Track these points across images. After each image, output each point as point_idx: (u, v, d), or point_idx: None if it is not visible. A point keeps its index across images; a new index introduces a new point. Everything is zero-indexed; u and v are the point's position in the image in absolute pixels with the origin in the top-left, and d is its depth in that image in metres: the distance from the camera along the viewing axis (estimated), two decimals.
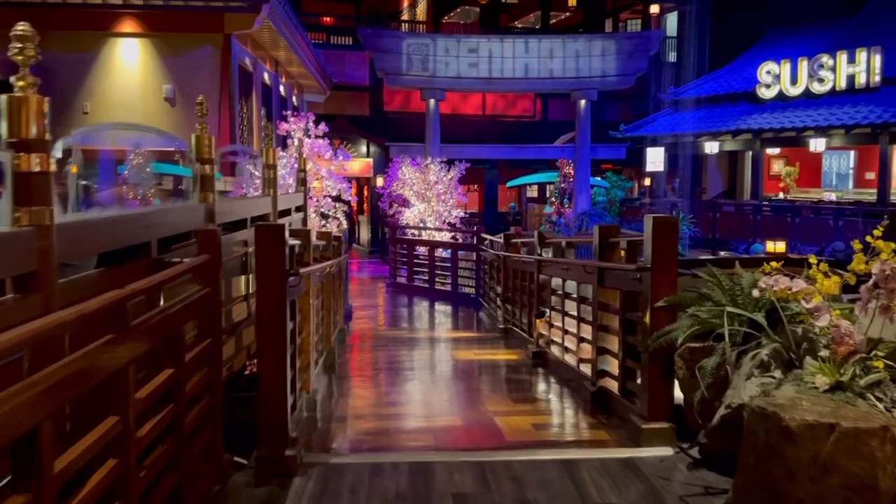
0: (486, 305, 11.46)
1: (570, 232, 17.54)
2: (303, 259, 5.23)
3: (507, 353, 7.95)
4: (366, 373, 7.10)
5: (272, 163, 7.08)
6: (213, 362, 3.64)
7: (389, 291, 14.07)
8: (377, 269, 18.34)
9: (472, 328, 10.53)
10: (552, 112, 25.79)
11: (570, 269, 6.33)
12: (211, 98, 11.02)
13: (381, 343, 9.05)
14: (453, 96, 23.03)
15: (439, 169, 16.36)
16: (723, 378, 4.00)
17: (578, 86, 18.50)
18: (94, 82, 10.64)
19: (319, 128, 10.81)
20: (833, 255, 13.90)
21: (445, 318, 11.32)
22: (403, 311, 12.14)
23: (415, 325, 10.60)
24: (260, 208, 6.50)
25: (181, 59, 10.81)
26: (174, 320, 2.90)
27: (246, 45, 12.37)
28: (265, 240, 3.87)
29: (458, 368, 7.10)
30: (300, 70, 16.84)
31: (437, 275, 13.59)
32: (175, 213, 3.95)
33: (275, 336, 3.92)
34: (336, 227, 10.99)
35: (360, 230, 25.73)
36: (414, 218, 16.17)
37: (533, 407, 5.44)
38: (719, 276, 4.24)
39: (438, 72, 18.14)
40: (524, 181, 23.67)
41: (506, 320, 9.47)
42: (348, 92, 23.79)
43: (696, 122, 21.40)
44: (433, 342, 8.99)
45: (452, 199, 16.42)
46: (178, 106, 10.85)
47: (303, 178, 9.17)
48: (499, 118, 25.55)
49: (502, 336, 9.18)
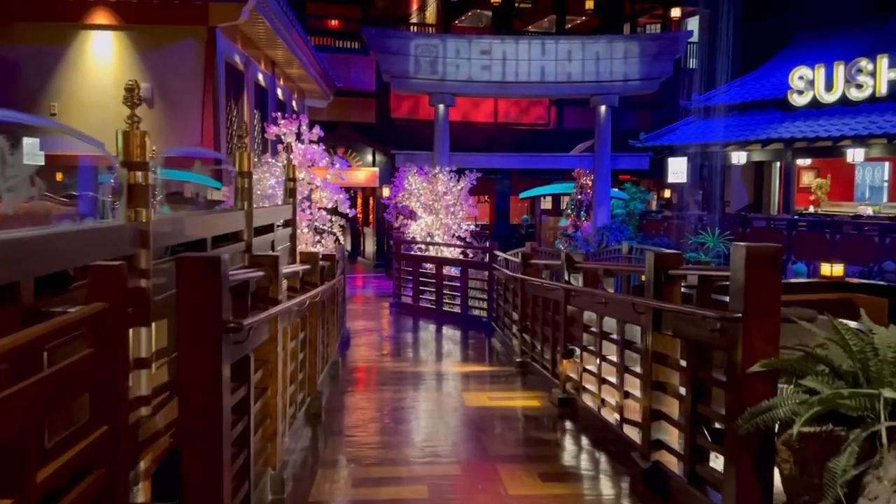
0: (500, 331, 10.22)
1: (590, 247, 16.27)
2: (268, 295, 4.02)
3: (527, 397, 6.71)
4: (357, 425, 5.87)
5: (246, 170, 5.88)
6: (110, 460, 2.42)
7: (393, 312, 12.85)
8: (382, 286, 17.12)
9: (484, 359, 9.29)
10: (567, 120, 24.57)
11: (611, 304, 5.09)
12: (193, 98, 9.88)
13: (381, 380, 7.81)
14: (464, 102, 21.85)
15: (448, 179, 15.16)
16: (852, 481, 2.77)
17: (598, 90, 17.24)
18: (62, 80, 9.52)
19: (314, 132, 9.62)
20: (882, 276, 12.58)
21: (454, 347, 10.08)
22: (408, 336, 10.90)
23: (420, 354, 9.37)
24: (227, 224, 5.30)
25: (160, 54, 9.68)
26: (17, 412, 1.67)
27: (235, 40, 11.23)
28: (189, 279, 2.67)
29: (468, 421, 5.86)
30: (300, 72, 15.71)
31: (444, 294, 12.36)
32: (64, 240, 2.71)
33: (206, 420, 2.70)
34: (332, 243, 9.79)
35: (365, 243, 24.54)
36: (421, 231, 14.96)
37: (567, 489, 4.18)
38: (845, 333, 2.99)
39: (448, 75, 16.94)
40: (538, 192, 22.42)
41: (523, 352, 8.23)
42: (353, 98, 22.66)
43: (721, 131, 20.10)
44: (440, 379, 7.75)
45: (462, 211, 15.21)
46: (157, 107, 9.72)
47: (291, 189, 7.96)
48: (511, 126, 24.34)
49: (519, 372, 7.94)
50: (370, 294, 16.30)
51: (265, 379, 3.93)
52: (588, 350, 5.80)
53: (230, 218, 5.55)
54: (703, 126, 21.21)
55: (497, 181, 22.97)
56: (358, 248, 25.03)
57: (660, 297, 4.12)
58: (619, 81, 17.22)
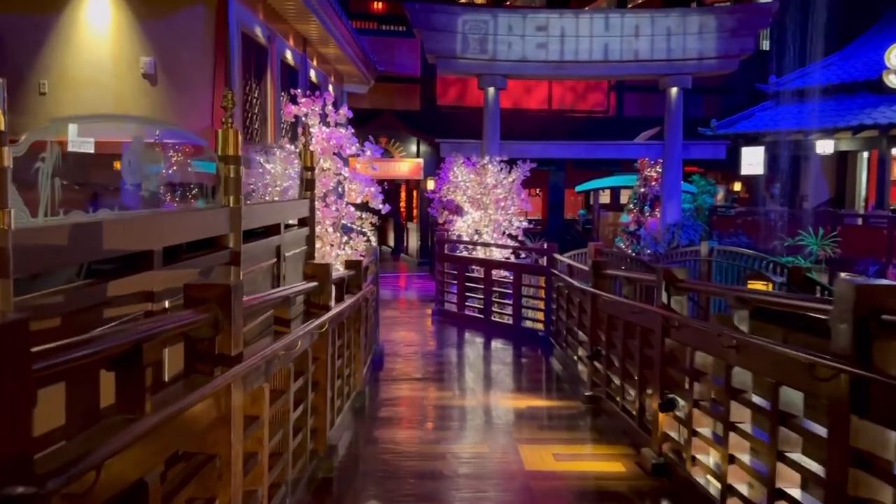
0: (559, 348, 8.58)
1: (658, 248, 14.42)
2: (213, 350, 2.46)
3: (606, 455, 5.08)
4: (380, 495, 4.32)
5: (232, 153, 4.40)
6: None
7: (436, 322, 11.28)
8: (425, 287, 15.58)
9: (542, 388, 7.66)
10: (628, 107, 22.62)
11: (752, 352, 3.40)
12: (202, 74, 8.46)
13: (415, 420, 6.24)
14: (515, 87, 20.12)
15: (499, 170, 13.50)
16: None
17: (669, 70, 15.26)
18: (53, 54, 8.17)
19: (342, 113, 8.09)
20: None
21: (506, 369, 8.46)
22: (451, 354, 9.32)
23: (465, 380, 7.77)
24: (195, 229, 3.79)
25: (163, 24, 8.26)
26: None
27: (256, 10, 9.78)
28: None
29: (530, 501, 4.25)
30: (336, 52, 14.20)
31: (493, 302, 10.74)
32: None
33: None
34: (363, 244, 8.26)
35: (408, 239, 23.02)
36: (467, 229, 13.34)
37: None
38: None
39: (499, 54, 15.19)
40: (597, 185, 20.56)
41: (593, 384, 6.58)
42: (396, 84, 21.13)
43: (804, 117, 17.98)
44: (490, 421, 6.13)
45: (514, 206, 13.53)
46: (161, 85, 8.32)
47: (308, 180, 6.46)
48: (567, 113, 22.48)
49: (588, 410, 6.31)
50: (412, 297, 14.77)
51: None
52: (700, 404, 4.13)
53: (201, 219, 4.04)
54: (782, 112, 19.07)
55: (551, 173, 21.18)
56: (401, 245, 23.56)
57: (866, 356, 2.44)
58: (693, 60, 15.21)
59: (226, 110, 4.55)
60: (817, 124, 17.23)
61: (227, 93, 4.51)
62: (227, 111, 4.54)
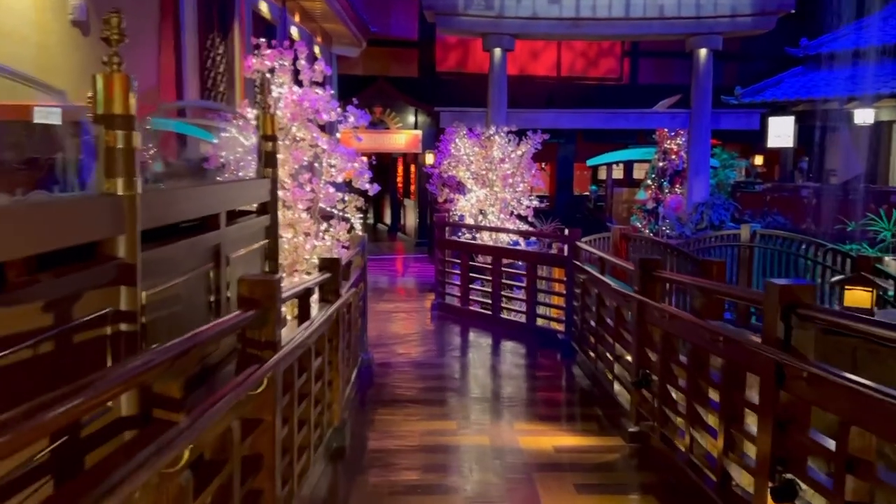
0: (583, 355, 7.08)
1: (684, 229, 12.86)
2: None
3: None
4: None
5: (121, 111, 2.88)
6: None
7: (435, 317, 9.76)
8: (424, 272, 14.07)
9: (569, 416, 6.15)
10: (643, 74, 20.91)
11: None
12: (146, 24, 6.84)
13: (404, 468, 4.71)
14: (521, 51, 18.40)
15: (507, 142, 11.92)
16: None
17: (699, 28, 13.52)
18: None
19: (317, 68, 6.49)
20: None
21: (520, 385, 6.96)
22: (454, 362, 7.81)
23: (468, 402, 6.25)
24: (41, 235, 2.24)
25: None
26: None
27: None
28: None
29: None
30: (322, 8, 12.53)
31: (503, 296, 9.23)
32: None
33: None
34: (345, 232, 6.70)
35: (406, 216, 21.44)
36: (471, 209, 11.80)
37: None
38: None
39: (507, 10, 13.46)
40: (611, 158, 18.91)
41: (639, 416, 5.09)
42: (392, 48, 19.43)
43: (840, 84, 16.32)
44: (503, 474, 4.61)
45: (524, 182, 11.98)
46: (95, 35, 6.73)
47: (268, 153, 4.90)
48: (577, 80, 20.76)
49: (634, 453, 4.84)
50: (409, 285, 13.26)
51: None
52: None
53: (46, 213, 2.48)
54: (814, 77, 17.40)
55: (559, 146, 19.54)
56: (398, 223, 22.00)
57: None
58: (726, 17, 13.47)
59: (110, 45, 2.99)
60: (858, 91, 15.57)
61: (111, 17, 2.95)
62: (113, 45, 2.99)
